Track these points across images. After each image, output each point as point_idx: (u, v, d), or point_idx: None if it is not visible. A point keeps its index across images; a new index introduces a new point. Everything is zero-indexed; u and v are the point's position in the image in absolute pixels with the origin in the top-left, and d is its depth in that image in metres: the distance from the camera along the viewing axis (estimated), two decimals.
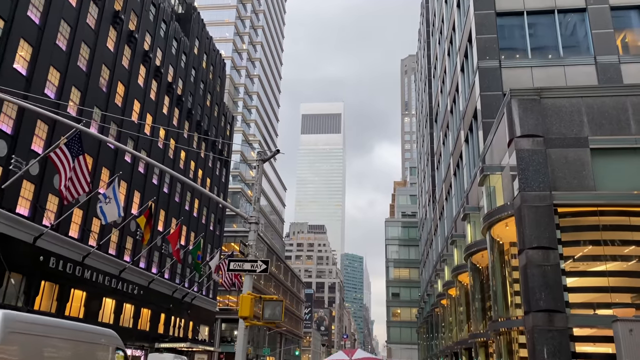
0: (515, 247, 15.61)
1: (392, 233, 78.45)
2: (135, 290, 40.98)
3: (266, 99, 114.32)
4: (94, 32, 36.30)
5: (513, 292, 15.26)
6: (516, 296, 15.20)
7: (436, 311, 34.24)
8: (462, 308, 23.18)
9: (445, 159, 29.66)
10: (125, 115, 40.38)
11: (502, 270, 15.57)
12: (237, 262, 9.74)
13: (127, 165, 40.54)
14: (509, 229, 14.58)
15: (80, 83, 34.54)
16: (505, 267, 15.68)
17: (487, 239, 15.62)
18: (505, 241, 15.64)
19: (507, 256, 15.75)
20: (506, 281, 15.57)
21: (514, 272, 15.47)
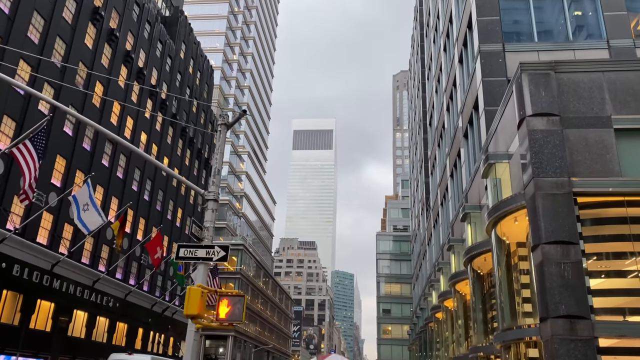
0: (524, 247, 13.70)
1: (383, 247, 76.37)
2: (110, 303, 38.49)
3: (256, 110, 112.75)
4: (71, 27, 34.43)
5: (522, 300, 13.32)
6: (525, 304, 13.26)
7: (430, 326, 32.11)
8: (460, 321, 21.13)
9: (441, 161, 27.88)
10: (104, 116, 38.35)
11: (509, 274, 13.63)
12: (188, 249, 7.75)
13: (104, 169, 38.38)
14: (519, 224, 12.69)
15: (55, 78, 32.52)
16: (513, 270, 13.73)
17: (493, 238, 13.69)
18: (512, 240, 13.73)
19: (514, 258, 13.83)
20: (513, 286, 13.62)
21: (523, 276, 13.54)
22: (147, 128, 45.30)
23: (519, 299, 13.37)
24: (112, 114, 39.83)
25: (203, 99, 60.19)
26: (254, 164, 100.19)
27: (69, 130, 34.34)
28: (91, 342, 36.30)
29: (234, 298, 6.98)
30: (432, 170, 32.50)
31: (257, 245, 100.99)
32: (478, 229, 17.14)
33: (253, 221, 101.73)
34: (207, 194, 8.61)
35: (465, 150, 20.35)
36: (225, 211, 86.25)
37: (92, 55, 37.06)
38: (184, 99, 54.07)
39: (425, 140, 39.90)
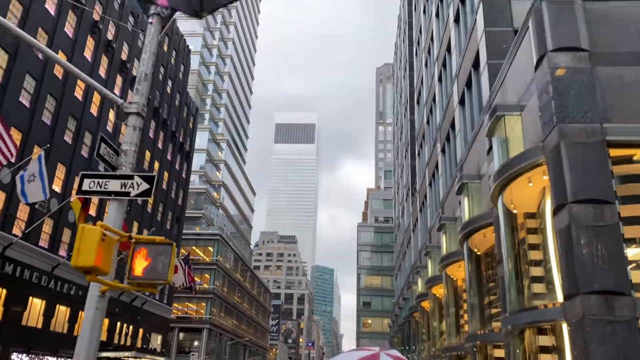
0: (533, 219, 11.63)
1: (364, 239, 74.47)
2: (72, 290, 35.68)
3: (236, 98, 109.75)
4: None
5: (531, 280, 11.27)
6: (535, 284, 11.21)
7: (415, 316, 30.17)
8: (452, 308, 19.10)
9: (430, 138, 25.90)
10: (68, 91, 35.44)
11: (517, 249, 11.55)
12: (95, 179, 5.42)
13: (67, 146, 35.47)
14: (533, 187, 10.64)
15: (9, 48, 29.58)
16: (521, 245, 11.66)
17: (499, 207, 11.62)
18: (521, 210, 11.65)
19: (522, 232, 11.77)
20: (521, 264, 11.57)
21: (533, 251, 11.49)
22: None
23: (528, 279, 11.32)
24: (77, 88, 36.90)
25: (179, 80, 57.28)
26: (233, 153, 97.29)
27: (25, 102, 31.44)
28: (49, 332, 33.49)
29: (157, 247, 4.71)
30: (420, 150, 30.48)
31: (237, 238, 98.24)
32: (475, 202, 15.10)
33: (233, 215, 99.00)
34: (127, 106, 6.30)
35: (461, 118, 18.32)
36: (202, 200, 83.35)
37: (54, 22, 34.11)
38: (158, 79, 51.18)
39: (412, 122, 37.83)
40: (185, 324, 67.36)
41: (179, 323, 66.54)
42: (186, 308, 69.88)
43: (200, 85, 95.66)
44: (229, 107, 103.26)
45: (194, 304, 69.22)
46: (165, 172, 53.22)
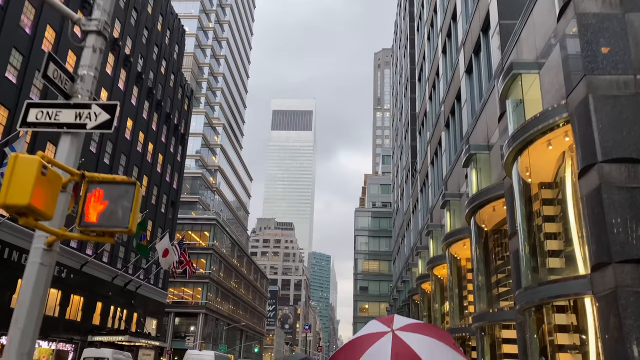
0: (549, 189, 10.72)
1: (362, 223, 73.72)
2: (63, 273, 34.82)
3: (233, 82, 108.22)
4: None
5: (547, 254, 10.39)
6: (551, 258, 10.33)
7: (415, 299, 29.39)
8: (455, 289, 18.27)
9: (433, 113, 24.89)
10: None
11: (531, 223, 10.66)
12: (44, 109, 4.41)
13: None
14: (552, 153, 9.68)
15: None
16: (535, 217, 10.77)
17: (514, 176, 10.68)
18: (536, 180, 10.71)
19: (536, 203, 10.85)
20: (536, 237, 10.69)
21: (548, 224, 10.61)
22: (108, 85, 41.16)
23: (544, 253, 10.43)
24: (67, 65, 35.63)
25: (173, 60, 55.96)
26: (229, 137, 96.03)
27: (12, 78, 30.23)
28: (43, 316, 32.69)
29: (117, 188, 3.71)
30: (421, 129, 29.46)
31: (234, 224, 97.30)
32: (484, 174, 14.17)
33: (230, 201, 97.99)
34: (85, 23, 5.29)
35: (468, 88, 17.33)
36: (198, 185, 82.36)
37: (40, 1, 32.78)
38: (152, 58, 49.88)
39: (412, 101, 36.75)
40: (182, 309, 66.77)
41: (175, 308, 65.92)
42: (182, 293, 69.24)
43: (195, 68, 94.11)
44: (225, 90, 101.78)
45: (190, 288, 68.56)
46: (160, 154, 52.15)
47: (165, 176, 53.70)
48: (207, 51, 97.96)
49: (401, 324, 3.40)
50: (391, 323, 3.40)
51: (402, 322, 3.45)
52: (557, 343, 9.55)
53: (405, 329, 3.32)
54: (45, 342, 32.93)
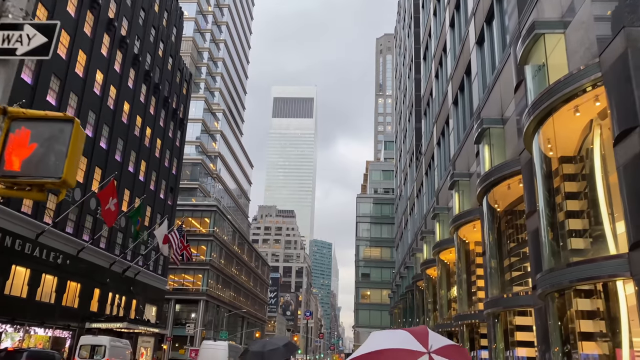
0: (570, 163, 9.78)
1: (363, 210, 72.92)
2: (59, 259, 34.08)
3: (233, 67, 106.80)
4: None
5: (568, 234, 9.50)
6: (573, 239, 9.46)
7: (419, 285, 28.58)
8: (463, 275, 17.40)
9: (440, 91, 23.85)
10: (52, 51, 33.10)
11: (551, 200, 9.74)
12: None
13: (52, 108, 33.32)
14: (577, 122, 8.73)
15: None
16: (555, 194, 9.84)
17: (534, 149, 9.77)
18: (557, 154, 9.76)
19: (557, 179, 9.93)
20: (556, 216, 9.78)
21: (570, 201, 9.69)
22: (104, 66, 40.07)
23: (566, 232, 9.52)
24: (61, 46, 34.55)
25: (171, 43, 54.74)
26: (229, 123, 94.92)
27: None
28: (35, 302, 31.99)
29: (48, 128, 2.79)
30: (427, 109, 28.40)
31: (235, 212, 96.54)
32: (498, 150, 13.22)
33: (232, 189, 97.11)
34: None
35: (479, 61, 16.29)
36: (198, 171, 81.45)
37: None
38: (149, 40, 48.70)
39: (417, 81, 35.61)
40: (182, 296, 66.27)
41: (175, 295, 65.39)
42: (183, 280, 68.71)
43: (195, 53, 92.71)
44: (224, 76, 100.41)
45: (191, 275, 68.01)
46: (158, 139, 51.20)
47: (164, 161, 52.79)
48: (207, 35, 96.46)
49: (437, 344, 3.36)
50: (426, 341, 3.34)
51: (437, 342, 3.40)
52: (582, 330, 8.68)
53: (441, 353, 3.31)
54: (41, 328, 32.30)
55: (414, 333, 3.47)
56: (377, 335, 3.75)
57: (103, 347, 26.32)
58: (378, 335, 3.71)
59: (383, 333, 3.77)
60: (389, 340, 3.53)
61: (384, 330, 3.99)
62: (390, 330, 3.79)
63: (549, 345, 9.53)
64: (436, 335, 3.48)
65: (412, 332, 3.51)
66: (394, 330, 3.74)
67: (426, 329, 3.52)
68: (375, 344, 3.51)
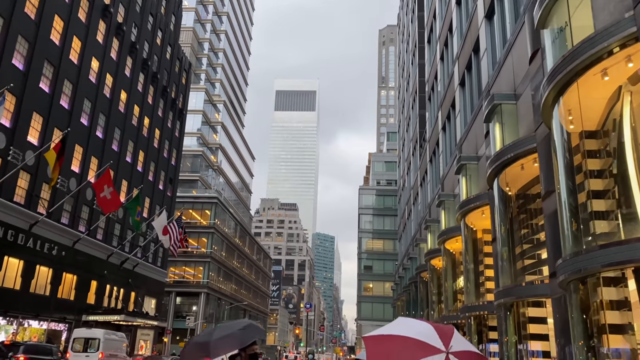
0: (593, 138, 8.84)
1: (366, 202, 72.00)
2: (54, 251, 33.31)
3: (234, 58, 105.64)
4: None
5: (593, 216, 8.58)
6: (598, 221, 8.54)
7: (423, 276, 27.70)
8: (470, 265, 16.47)
9: (445, 74, 22.84)
10: (45, 34, 32.15)
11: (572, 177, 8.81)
12: None
13: (45, 95, 32.42)
14: (606, 86, 7.77)
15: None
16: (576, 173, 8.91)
17: (554, 121, 8.82)
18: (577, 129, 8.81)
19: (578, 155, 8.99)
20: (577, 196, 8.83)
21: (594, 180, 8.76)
22: (100, 54, 39.12)
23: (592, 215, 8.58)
24: (54, 31, 33.55)
25: (169, 32, 53.68)
26: (230, 115, 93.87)
27: None
28: (29, 294, 31.25)
29: None
30: (431, 94, 27.38)
31: (237, 205, 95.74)
32: (510, 128, 12.27)
33: (234, 182, 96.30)
34: None
35: (488, 37, 15.28)
36: (198, 163, 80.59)
37: None
38: (147, 28, 47.67)
39: (421, 67, 34.53)
40: (183, 288, 65.60)
41: (176, 287, 64.73)
42: (184, 272, 68.00)
43: (195, 44, 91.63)
44: (225, 67, 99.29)
45: (192, 267, 67.32)
46: (157, 129, 50.29)
47: (162, 152, 51.90)
48: (207, 26, 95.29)
49: (458, 347, 3.31)
50: (449, 341, 3.30)
51: (459, 345, 3.35)
52: (610, 322, 7.75)
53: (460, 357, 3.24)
54: (35, 321, 31.58)
55: (438, 329, 3.43)
56: (402, 321, 3.69)
57: (97, 340, 25.54)
58: (404, 322, 3.66)
59: (409, 321, 3.72)
60: (412, 329, 3.49)
61: (411, 319, 3.90)
62: (416, 320, 3.70)
63: (570, 339, 8.61)
64: (461, 339, 3.43)
65: (437, 327, 3.46)
66: (421, 321, 3.65)
67: (453, 329, 3.45)
68: (398, 329, 3.48)
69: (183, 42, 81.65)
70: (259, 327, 5.53)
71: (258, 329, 5.33)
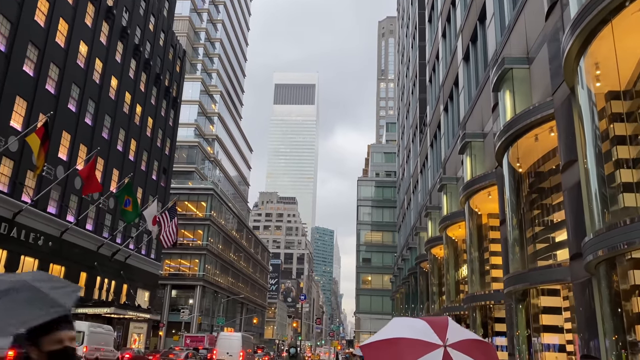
0: (618, 100, 7.57)
1: (364, 193, 70.77)
2: (40, 241, 32.07)
3: (231, 48, 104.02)
4: None
5: (622, 188, 7.34)
6: (627, 194, 7.28)
7: (423, 267, 26.49)
8: (474, 252, 15.22)
9: (448, 51, 21.54)
10: (28, 15, 30.77)
11: (596, 144, 7.55)
12: None
13: (29, 79, 31.09)
14: None
15: None
16: (602, 141, 7.64)
17: (580, 78, 7.48)
18: (604, 87, 7.55)
19: (603, 121, 7.72)
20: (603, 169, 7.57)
21: (622, 147, 7.51)
22: (89, 38, 37.70)
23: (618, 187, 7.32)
24: (39, 12, 32.16)
25: (163, 18, 52.23)
26: (227, 106, 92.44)
27: None
28: None
29: None
30: (432, 75, 26.05)
31: (236, 199, 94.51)
32: (520, 97, 10.98)
33: (232, 176, 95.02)
34: None
35: (495, 3, 13.94)
36: (194, 154, 79.24)
37: None
38: (138, 13, 46.23)
39: (421, 49, 33.17)
40: (178, 281, 64.43)
41: (171, 280, 63.59)
42: (179, 265, 66.80)
43: (191, 33, 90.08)
44: (222, 57, 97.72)
45: (187, 260, 66.13)
46: (150, 117, 48.94)
47: (156, 141, 50.57)
48: (204, 15, 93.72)
49: (455, 338, 3.22)
50: (444, 334, 3.23)
51: (456, 335, 3.24)
52: None
53: (458, 348, 3.15)
54: None
55: (432, 323, 3.33)
56: (396, 322, 3.60)
57: (81, 333, 24.33)
58: (398, 323, 3.56)
59: (403, 320, 3.64)
60: (406, 328, 3.41)
61: (404, 318, 3.80)
62: (410, 319, 3.62)
63: (595, 332, 7.36)
64: (457, 328, 3.34)
65: (430, 322, 3.36)
66: (414, 318, 3.53)
67: (447, 320, 3.36)
68: (392, 332, 3.40)
69: (179, 31, 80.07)
70: (68, 289, 1.85)
71: (65, 296, 1.87)
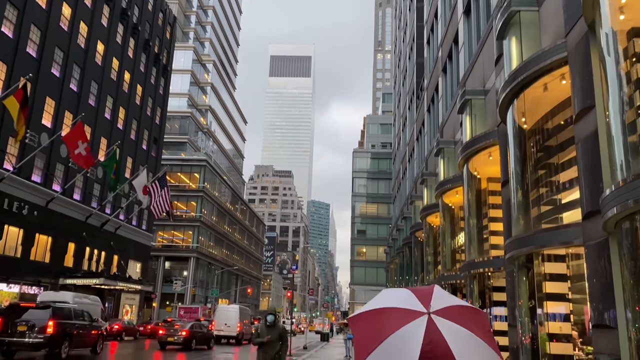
0: None
1: (360, 165, 69.83)
2: (24, 210, 31.08)
3: (224, 16, 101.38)
4: None
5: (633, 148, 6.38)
6: None
7: (418, 236, 25.75)
8: (472, 220, 14.35)
9: (446, 9, 20.30)
10: None
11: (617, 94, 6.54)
12: None
13: (8, 41, 29.61)
14: None
15: None
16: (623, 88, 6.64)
17: (601, 8, 6.43)
18: (624, 31, 6.49)
19: (634, 68, 6.70)
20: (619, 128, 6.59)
21: None
22: (86, 17, 35.99)
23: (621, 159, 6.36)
24: None
25: None
26: (220, 76, 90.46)
27: None
28: None
29: None
30: (430, 35, 24.82)
31: (231, 172, 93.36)
32: (528, 43, 9.96)
33: (227, 149, 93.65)
34: None
35: None
36: (187, 125, 77.72)
37: None
38: None
39: (419, 10, 31.71)
40: (172, 253, 63.89)
41: (164, 252, 63.04)
42: (172, 236, 66.15)
43: (183, 0, 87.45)
44: (215, 25, 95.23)
45: (180, 232, 65.46)
46: (139, 85, 47.46)
47: (145, 110, 49.22)
48: None
49: (439, 305, 3.15)
50: (429, 301, 3.17)
51: (440, 302, 3.18)
52: None
53: (443, 314, 3.09)
54: (4, 284, 29.56)
55: (416, 292, 3.27)
56: (383, 293, 3.52)
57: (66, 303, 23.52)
58: (384, 294, 3.49)
59: (389, 291, 3.54)
60: (391, 299, 3.36)
61: (391, 289, 3.67)
62: (395, 289, 3.51)
63: (612, 301, 6.51)
64: (443, 295, 3.24)
65: (415, 291, 3.29)
66: (399, 289, 3.43)
67: (433, 288, 3.27)
68: (378, 303, 3.34)
69: None
70: None
71: None
